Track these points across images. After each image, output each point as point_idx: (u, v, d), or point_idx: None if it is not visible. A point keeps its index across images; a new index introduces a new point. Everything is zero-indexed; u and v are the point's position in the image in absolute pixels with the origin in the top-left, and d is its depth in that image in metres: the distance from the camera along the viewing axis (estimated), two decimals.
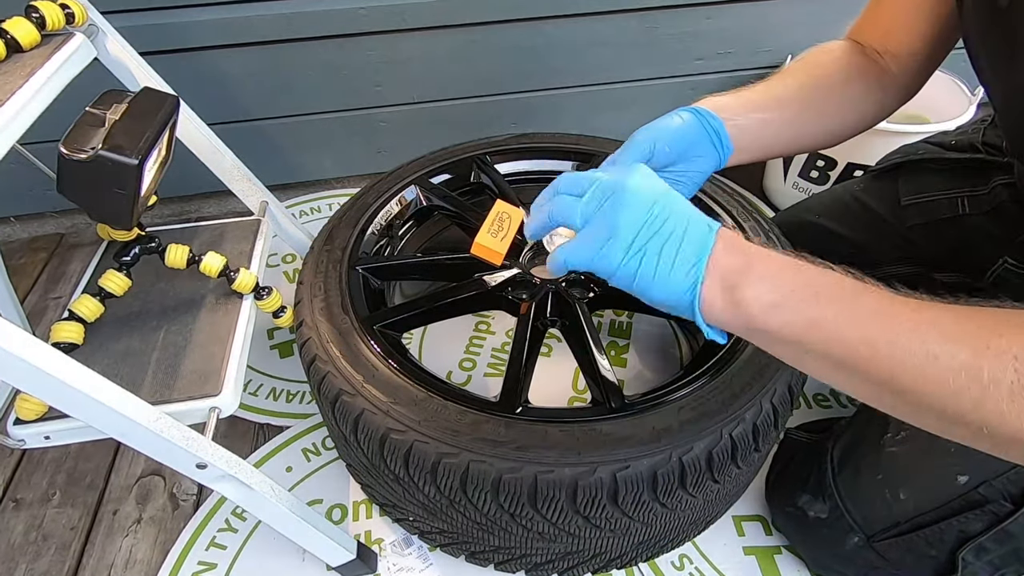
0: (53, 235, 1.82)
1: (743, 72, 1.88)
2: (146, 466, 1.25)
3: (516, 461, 0.81)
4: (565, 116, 1.89)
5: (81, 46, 0.89)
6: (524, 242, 1.16)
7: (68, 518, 1.18)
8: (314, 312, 1.00)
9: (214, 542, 1.13)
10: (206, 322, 1.02)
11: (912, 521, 0.91)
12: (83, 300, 0.96)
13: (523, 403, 0.91)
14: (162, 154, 0.85)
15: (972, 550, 0.87)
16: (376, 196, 1.23)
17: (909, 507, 0.91)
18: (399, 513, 1.04)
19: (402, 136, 1.84)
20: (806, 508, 1.01)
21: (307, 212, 1.88)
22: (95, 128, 0.76)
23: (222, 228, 1.22)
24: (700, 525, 1.04)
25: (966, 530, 0.87)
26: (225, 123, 1.67)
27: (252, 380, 1.40)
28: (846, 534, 0.96)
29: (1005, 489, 0.85)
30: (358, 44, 1.62)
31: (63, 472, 1.25)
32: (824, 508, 0.99)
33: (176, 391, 0.91)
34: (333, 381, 0.90)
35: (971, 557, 0.88)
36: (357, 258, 1.11)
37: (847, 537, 0.96)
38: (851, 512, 0.95)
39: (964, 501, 0.87)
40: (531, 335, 1.01)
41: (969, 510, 0.87)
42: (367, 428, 0.86)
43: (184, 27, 1.50)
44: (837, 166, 1.66)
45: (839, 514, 0.97)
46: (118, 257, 0.99)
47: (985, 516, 0.86)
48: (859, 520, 0.95)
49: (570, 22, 1.68)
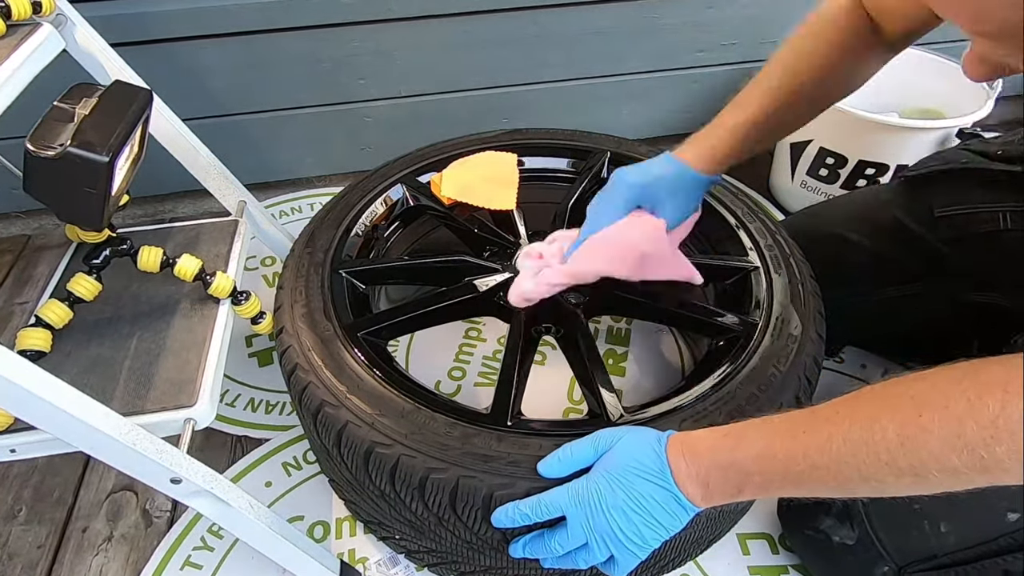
0: (19, 236, 1.82)
1: (747, 64, 1.89)
2: (117, 481, 1.24)
3: (509, 477, 0.81)
4: (560, 111, 1.89)
5: (49, 37, 0.89)
6: (517, 245, 1.17)
7: (35, 535, 1.17)
8: (295, 318, 1.00)
9: (189, 561, 1.13)
10: (181, 328, 1.02)
11: (951, 556, 0.90)
12: (51, 305, 0.96)
13: (516, 415, 0.91)
14: (134, 151, 0.85)
15: None
16: (360, 195, 1.23)
17: (950, 541, 0.90)
18: (385, 531, 1.04)
19: (388, 132, 1.84)
20: (830, 532, 1.00)
21: (287, 212, 1.88)
22: (63, 124, 0.76)
23: (197, 229, 1.22)
24: (703, 543, 1.05)
25: (1011, 571, 0.87)
26: (200, 118, 1.67)
27: (229, 390, 1.39)
28: (874, 564, 0.95)
29: None
30: (341, 35, 1.62)
31: (30, 487, 1.24)
32: (852, 535, 0.98)
33: (149, 401, 0.91)
34: (315, 391, 0.90)
35: None
36: (340, 261, 1.11)
37: (875, 567, 0.95)
38: (882, 541, 0.94)
39: (1012, 540, 0.87)
40: (524, 342, 1.01)
41: (1018, 550, 0.86)
42: (351, 441, 0.86)
43: (157, 17, 1.49)
44: (847, 164, 1.67)
45: (869, 542, 0.95)
46: (88, 260, 0.99)
47: None
48: (891, 550, 0.94)
49: (565, 11, 1.68)
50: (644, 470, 0.75)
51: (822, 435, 0.65)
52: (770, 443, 0.69)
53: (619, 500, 0.75)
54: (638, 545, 0.76)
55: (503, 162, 1.30)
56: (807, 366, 0.95)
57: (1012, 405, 0.54)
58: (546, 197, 1.33)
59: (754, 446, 0.71)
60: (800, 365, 0.94)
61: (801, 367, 0.94)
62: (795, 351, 0.96)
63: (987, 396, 0.56)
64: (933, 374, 0.61)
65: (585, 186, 1.28)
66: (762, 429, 0.72)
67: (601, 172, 1.33)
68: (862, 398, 0.65)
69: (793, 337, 0.97)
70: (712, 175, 1.04)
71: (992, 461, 0.55)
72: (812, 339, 0.97)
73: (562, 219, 1.24)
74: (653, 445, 0.77)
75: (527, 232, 1.24)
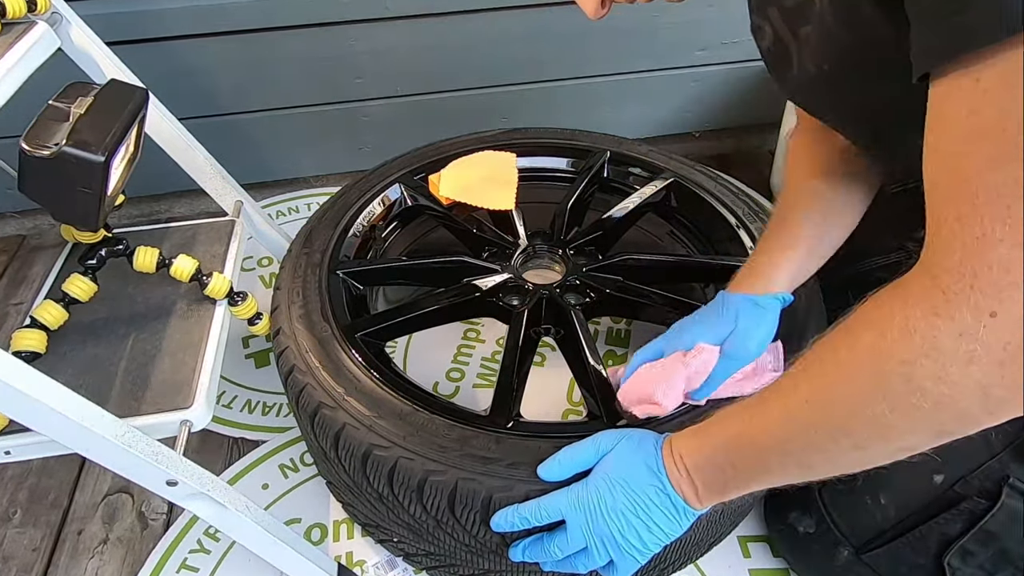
0: (14, 237, 1.82)
1: (748, 64, 1.89)
2: (113, 483, 1.24)
3: (507, 479, 0.81)
4: (559, 110, 1.89)
5: (44, 35, 0.89)
6: (516, 246, 1.17)
7: (30, 538, 1.17)
8: (292, 319, 1.00)
9: (185, 564, 1.13)
10: (177, 330, 1.02)
11: (895, 528, 0.93)
12: (46, 306, 0.96)
13: (515, 417, 0.91)
14: (130, 151, 0.85)
15: (957, 554, 0.88)
16: (358, 195, 1.23)
17: (891, 512, 0.93)
18: (382, 534, 1.04)
19: (385, 132, 1.84)
20: (796, 524, 1.03)
21: (284, 212, 1.88)
22: (59, 123, 0.76)
23: (194, 229, 1.22)
24: (704, 546, 1.05)
25: (947, 532, 0.89)
26: (197, 118, 1.66)
27: (226, 391, 1.39)
28: (835, 547, 0.98)
29: (981, 486, 0.87)
30: (338, 33, 1.62)
31: (25, 489, 1.24)
32: (811, 522, 1.01)
33: (145, 403, 0.91)
34: (312, 393, 0.90)
35: (957, 562, 0.89)
36: (338, 262, 1.11)
37: (837, 551, 0.98)
38: (837, 524, 0.97)
39: (942, 501, 0.89)
40: (523, 344, 1.01)
41: (947, 510, 0.89)
42: (348, 443, 0.86)
43: (154, 15, 1.50)
44: None
45: (826, 527, 0.98)
46: (83, 260, 0.98)
47: (962, 515, 0.88)
48: (846, 531, 0.97)
49: (564, 10, 1.68)
50: (644, 473, 0.76)
51: (761, 415, 0.66)
52: (731, 430, 0.71)
53: (619, 504, 0.75)
54: (638, 550, 0.76)
55: (502, 162, 1.30)
56: None
57: (879, 339, 0.54)
58: (545, 197, 1.33)
59: (717, 438, 0.72)
60: None
61: None
62: (791, 353, 0.96)
63: (861, 337, 0.56)
64: (831, 330, 0.61)
65: (584, 186, 1.28)
66: (725, 419, 0.72)
67: (601, 172, 1.33)
68: (791, 369, 0.66)
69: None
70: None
71: (896, 399, 0.53)
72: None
73: (562, 219, 1.24)
74: (652, 448, 0.77)
75: (526, 232, 1.24)
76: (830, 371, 0.59)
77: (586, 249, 1.23)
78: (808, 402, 0.61)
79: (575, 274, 1.15)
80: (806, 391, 0.62)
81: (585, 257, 1.21)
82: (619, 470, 0.77)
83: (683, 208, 1.31)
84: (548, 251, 1.23)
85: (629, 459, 0.77)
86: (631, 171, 1.35)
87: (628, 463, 0.77)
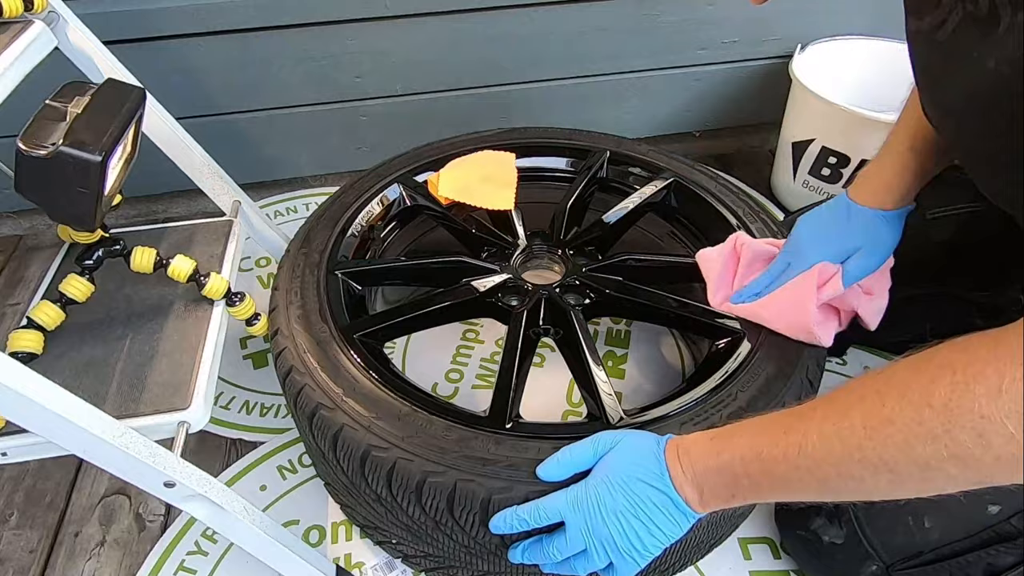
0: (10, 237, 1.82)
1: (748, 63, 1.89)
2: (110, 485, 1.24)
3: (507, 480, 0.81)
4: (559, 110, 1.89)
5: (40, 34, 0.89)
6: (515, 246, 1.17)
7: (27, 540, 1.17)
8: (290, 320, 1.00)
9: (183, 566, 1.13)
10: (174, 330, 1.02)
11: (936, 551, 0.91)
12: (43, 307, 0.96)
13: (514, 418, 0.91)
14: (127, 150, 0.85)
15: None
16: (356, 195, 1.23)
17: (934, 536, 0.91)
18: (381, 535, 1.04)
19: (384, 131, 1.84)
20: (820, 532, 1.00)
21: (282, 212, 1.88)
22: (55, 123, 0.76)
23: (191, 230, 1.22)
24: (704, 548, 1.05)
25: (995, 564, 0.87)
26: (195, 117, 1.67)
27: (224, 392, 1.39)
28: (863, 562, 0.96)
29: None
30: (337, 32, 1.62)
31: (21, 491, 1.24)
32: (840, 533, 0.98)
33: (142, 404, 0.91)
34: (310, 394, 0.90)
35: None
36: (336, 262, 1.11)
37: (864, 565, 0.96)
38: (870, 539, 0.95)
39: (994, 532, 0.87)
40: (523, 344, 1.01)
41: (1000, 543, 0.87)
42: (347, 445, 0.86)
43: (151, 14, 1.49)
44: (850, 163, 1.66)
45: (857, 540, 0.96)
46: (80, 260, 0.98)
47: (1017, 549, 0.86)
48: (878, 547, 0.95)
49: (563, 8, 1.68)
50: (644, 474, 0.75)
51: (799, 433, 0.65)
52: (754, 444, 0.70)
53: (619, 505, 0.75)
54: (638, 551, 0.76)
55: (501, 162, 1.30)
56: (809, 368, 0.95)
57: (961, 388, 0.53)
58: (545, 197, 1.33)
59: (740, 448, 0.71)
60: (802, 367, 0.95)
61: (803, 369, 0.94)
62: (797, 352, 0.96)
63: (939, 380, 0.55)
64: (896, 363, 0.61)
65: (584, 186, 1.28)
66: (748, 430, 0.72)
67: (600, 172, 1.33)
68: (837, 394, 0.65)
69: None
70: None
71: (958, 448, 0.53)
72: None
73: (561, 219, 1.24)
74: (652, 449, 0.77)
75: (526, 232, 1.24)
76: (892, 405, 0.58)
77: (586, 249, 1.23)
78: (864, 429, 0.60)
79: (575, 274, 1.15)
80: (860, 420, 0.60)
81: (585, 257, 1.21)
82: (619, 471, 0.77)
83: (683, 208, 1.30)
84: (547, 251, 1.23)
85: (629, 459, 0.77)
86: (631, 171, 1.35)
87: (628, 463, 0.77)
